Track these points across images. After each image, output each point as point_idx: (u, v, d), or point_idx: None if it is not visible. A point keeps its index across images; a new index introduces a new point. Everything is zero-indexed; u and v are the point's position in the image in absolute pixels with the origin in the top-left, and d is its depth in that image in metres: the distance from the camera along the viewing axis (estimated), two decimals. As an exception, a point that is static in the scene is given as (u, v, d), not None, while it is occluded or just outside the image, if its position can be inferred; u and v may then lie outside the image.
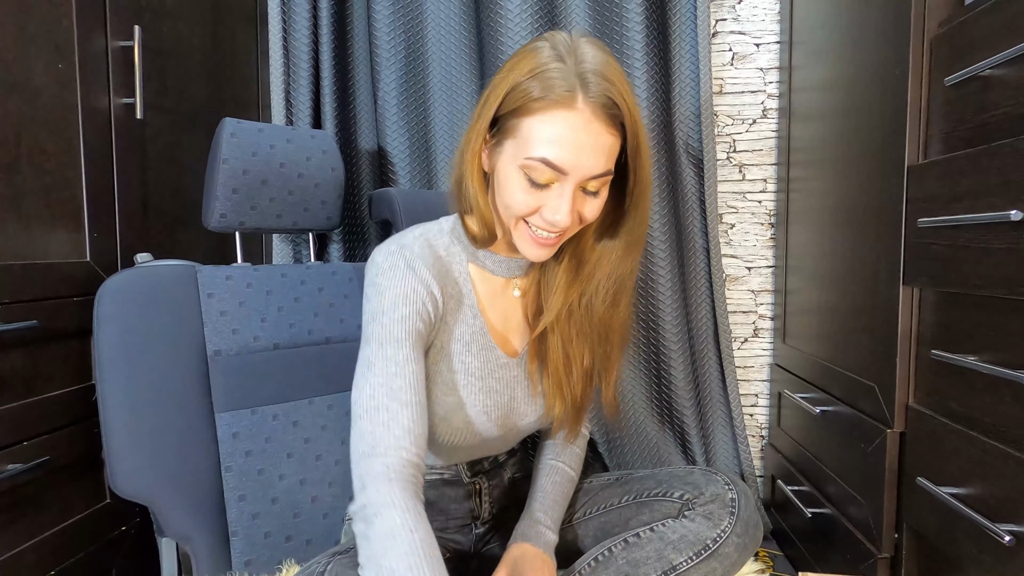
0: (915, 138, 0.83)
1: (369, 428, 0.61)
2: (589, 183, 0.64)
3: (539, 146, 0.61)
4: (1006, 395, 0.67)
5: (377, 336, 0.65)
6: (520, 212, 0.65)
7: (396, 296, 0.66)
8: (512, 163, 0.64)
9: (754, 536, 0.71)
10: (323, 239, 1.32)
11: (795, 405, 1.22)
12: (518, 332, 0.77)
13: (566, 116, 0.61)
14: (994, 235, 0.67)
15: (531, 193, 0.64)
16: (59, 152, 0.89)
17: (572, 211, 0.63)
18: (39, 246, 0.86)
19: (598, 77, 0.61)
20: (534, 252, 0.67)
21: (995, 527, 0.66)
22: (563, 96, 0.60)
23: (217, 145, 0.93)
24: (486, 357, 0.74)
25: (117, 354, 0.83)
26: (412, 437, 0.61)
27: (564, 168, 0.62)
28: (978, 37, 0.72)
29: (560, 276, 0.73)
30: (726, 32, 1.36)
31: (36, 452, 0.84)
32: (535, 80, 0.61)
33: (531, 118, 0.62)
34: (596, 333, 0.74)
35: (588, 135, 0.61)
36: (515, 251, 0.73)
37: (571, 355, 0.74)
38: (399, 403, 0.62)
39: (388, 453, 0.60)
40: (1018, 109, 0.66)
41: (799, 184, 1.24)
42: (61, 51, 0.89)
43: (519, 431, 0.79)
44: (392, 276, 0.67)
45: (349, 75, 1.33)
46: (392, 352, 0.64)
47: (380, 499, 0.57)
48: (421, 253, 0.69)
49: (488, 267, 0.74)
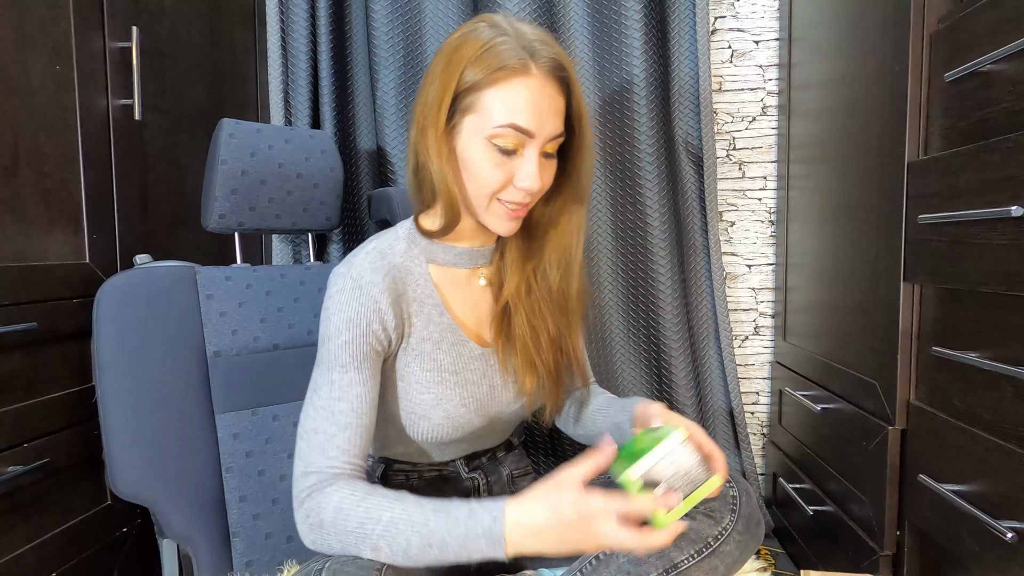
0: (915, 134, 0.83)
1: (306, 448, 0.66)
2: (547, 145, 0.68)
3: (505, 114, 0.65)
4: (1007, 391, 0.67)
5: (325, 360, 0.68)
6: (493, 189, 0.68)
7: (340, 321, 0.68)
8: (476, 138, 0.67)
9: (756, 534, 0.71)
10: (323, 239, 1.32)
11: (796, 403, 1.21)
12: (489, 322, 0.78)
13: (525, 82, 0.65)
14: (995, 231, 0.67)
15: (501, 166, 0.67)
16: (57, 154, 0.89)
17: (540, 175, 0.67)
18: (38, 248, 0.86)
19: (543, 45, 0.67)
20: (506, 226, 0.70)
21: (997, 524, 0.65)
22: (518, 65, 0.65)
23: (215, 146, 0.93)
24: (458, 352, 0.75)
25: (117, 355, 0.83)
26: (347, 456, 0.65)
27: (532, 130, 0.66)
28: (978, 32, 0.72)
29: (514, 252, 0.77)
30: (725, 29, 1.36)
31: (36, 454, 0.84)
32: (487, 55, 0.65)
33: (491, 90, 0.65)
34: (556, 304, 0.77)
35: (545, 98, 0.66)
36: (476, 239, 0.76)
37: (536, 327, 0.75)
38: (337, 426, 0.65)
39: (322, 471, 0.64)
40: (1018, 104, 0.66)
41: (799, 181, 1.24)
42: (59, 52, 0.89)
43: (505, 420, 0.80)
44: (338, 300, 0.69)
45: (348, 75, 1.33)
46: (337, 376, 0.67)
47: (321, 497, 0.62)
48: (372, 266, 0.70)
49: (450, 262, 0.76)
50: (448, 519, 0.57)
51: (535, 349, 0.75)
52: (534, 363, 0.76)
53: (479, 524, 0.56)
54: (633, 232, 1.31)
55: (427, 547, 0.57)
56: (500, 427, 0.81)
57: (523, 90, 0.65)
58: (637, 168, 1.28)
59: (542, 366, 0.76)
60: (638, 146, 1.27)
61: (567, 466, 0.57)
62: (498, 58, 0.65)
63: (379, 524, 0.59)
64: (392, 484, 0.81)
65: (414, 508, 0.59)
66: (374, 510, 0.59)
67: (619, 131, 1.29)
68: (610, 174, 1.31)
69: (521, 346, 0.76)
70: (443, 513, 0.58)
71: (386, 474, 0.81)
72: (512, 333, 0.76)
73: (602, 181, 1.31)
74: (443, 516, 0.58)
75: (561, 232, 0.76)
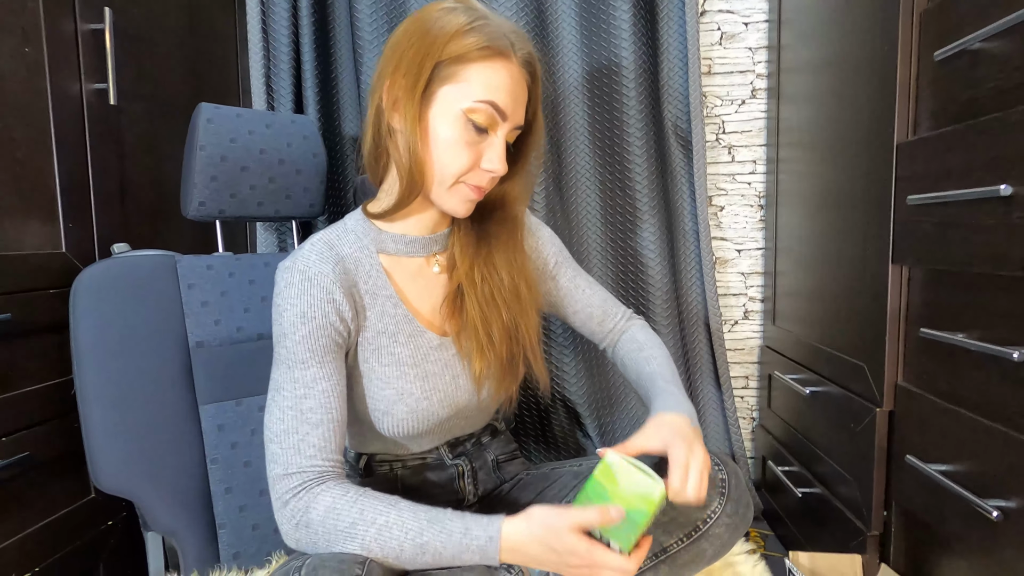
0: (904, 115, 0.82)
1: (280, 452, 0.63)
2: (509, 134, 0.69)
3: (487, 90, 0.66)
4: (993, 372, 0.67)
5: (284, 359, 0.66)
6: (461, 170, 0.68)
7: (294, 317, 0.66)
8: (452, 109, 0.66)
9: (744, 516, 0.71)
10: (307, 227, 1.30)
11: (785, 386, 1.22)
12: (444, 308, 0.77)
13: (507, 66, 0.67)
14: (983, 211, 0.67)
15: (472, 146, 0.67)
16: (29, 140, 0.86)
17: (503, 161, 0.69)
18: (12, 237, 0.84)
19: (519, 38, 0.68)
20: (464, 208, 0.71)
21: (983, 503, 0.66)
22: (504, 48, 0.66)
23: (194, 131, 0.91)
24: (416, 343, 0.73)
25: (95, 347, 0.81)
26: (324, 454, 0.64)
27: (507, 112, 0.67)
28: (967, 10, 0.71)
29: (464, 236, 0.77)
30: (714, 11, 1.34)
31: (15, 448, 0.82)
32: (475, 32, 0.65)
33: (477, 64, 0.65)
34: (510, 292, 0.76)
35: (519, 87, 0.68)
36: (428, 226, 0.75)
37: (488, 313, 0.75)
38: (309, 424, 0.64)
39: (304, 471, 0.63)
40: (1007, 82, 0.66)
41: (788, 165, 1.23)
42: (28, 35, 0.86)
43: (476, 408, 0.79)
44: (288, 295, 0.67)
45: (331, 59, 1.30)
46: (299, 374, 0.65)
47: (309, 497, 0.61)
48: (320, 257, 0.69)
49: (402, 251, 0.75)
50: (443, 532, 0.59)
51: (485, 333, 0.74)
52: (484, 347, 0.74)
53: (474, 542, 0.58)
54: (622, 216, 1.30)
55: (420, 554, 0.59)
56: (473, 415, 0.80)
57: (505, 73, 0.67)
58: (626, 152, 1.27)
59: (492, 352, 0.75)
60: (627, 130, 1.26)
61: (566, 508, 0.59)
62: (487, 36, 0.65)
63: (372, 527, 0.59)
64: (376, 474, 0.80)
65: (409, 516, 0.60)
66: (368, 512, 0.60)
67: (607, 115, 1.27)
68: (598, 158, 1.29)
69: (472, 330, 0.74)
70: (438, 525, 0.59)
71: (369, 464, 0.80)
72: (465, 316, 0.75)
73: (590, 165, 1.29)
74: (437, 528, 0.59)
75: (509, 221, 0.77)
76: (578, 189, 1.30)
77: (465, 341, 0.75)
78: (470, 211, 0.72)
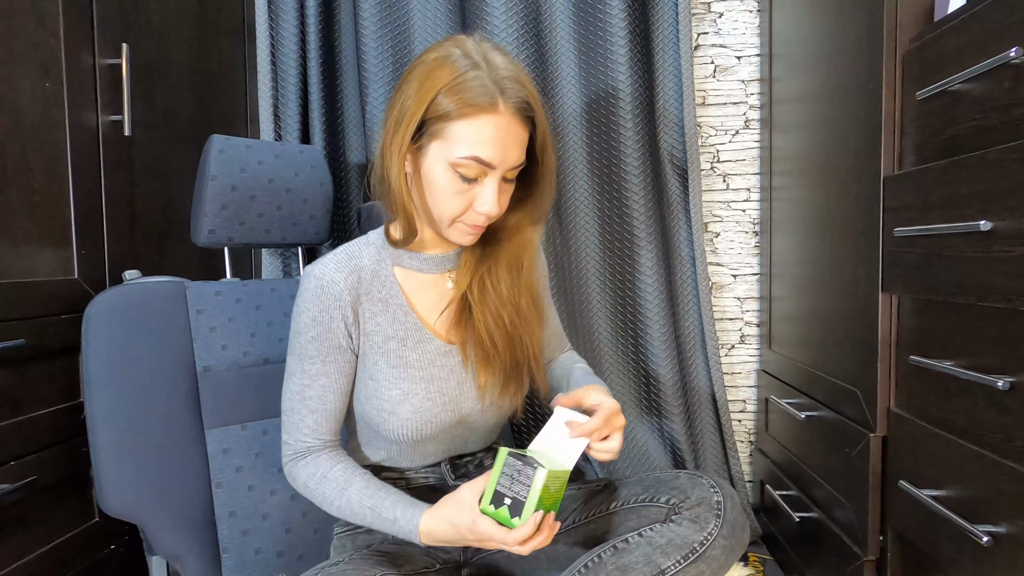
0: (890, 149, 0.86)
1: (287, 423, 0.79)
2: (508, 172, 0.72)
3: (469, 146, 0.69)
4: (980, 399, 0.69)
5: (296, 351, 0.77)
6: (454, 215, 0.73)
7: (307, 319, 0.75)
8: (440, 162, 0.71)
9: (740, 538, 0.72)
10: (312, 253, 1.32)
11: (781, 410, 1.23)
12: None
13: (491, 120, 0.69)
14: (966, 244, 0.69)
15: (462, 193, 0.71)
16: (45, 170, 0.89)
17: (498, 200, 0.72)
18: (26, 264, 0.86)
19: (514, 83, 0.70)
20: (467, 240, 0.76)
21: (973, 528, 0.67)
22: (487, 103, 0.68)
23: (206, 162, 0.94)
24: (424, 349, 0.78)
25: (105, 372, 0.83)
26: (316, 435, 0.77)
27: (493, 163, 0.70)
28: (947, 53, 0.75)
29: (471, 254, 0.81)
30: (708, 45, 1.39)
31: (23, 472, 0.83)
32: (459, 88, 0.68)
33: (459, 122, 0.69)
34: (510, 303, 0.81)
35: (509, 134, 0.70)
36: (442, 247, 0.81)
37: (491, 327, 0.79)
38: (307, 410, 0.77)
39: (296, 443, 0.78)
40: (985, 121, 0.69)
41: (781, 193, 1.27)
42: (48, 70, 0.89)
43: (480, 419, 0.81)
44: (306, 298, 0.76)
45: (337, 89, 1.34)
46: (307, 367, 0.76)
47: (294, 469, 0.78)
48: (337, 266, 0.76)
49: (415, 267, 0.80)
50: (378, 520, 0.73)
51: (491, 345, 0.79)
52: (490, 359, 0.79)
53: (400, 531, 0.72)
54: (620, 243, 1.33)
55: (369, 528, 0.77)
56: (478, 427, 0.83)
57: (489, 127, 0.69)
58: (623, 180, 1.30)
59: (497, 360, 0.80)
60: (624, 159, 1.29)
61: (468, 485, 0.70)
62: (469, 93, 0.68)
63: (332, 506, 0.76)
64: None
65: (356, 503, 0.74)
66: (328, 494, 0.75)
67: (605, 144, 1.31)
68: (596, 186, 1.33)
69: (477, 342, 0.80)
70: (375, 513, 0.73)
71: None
72: (472, 328, 0.80)
73: (588, 193, 1.33)
74: (375, 517, 0.73)
75: (515, 244, 0.81)
76: (577, 216, 1.33)
77: (470, 349, 0.80)
78: (474, 241, 0.76)
